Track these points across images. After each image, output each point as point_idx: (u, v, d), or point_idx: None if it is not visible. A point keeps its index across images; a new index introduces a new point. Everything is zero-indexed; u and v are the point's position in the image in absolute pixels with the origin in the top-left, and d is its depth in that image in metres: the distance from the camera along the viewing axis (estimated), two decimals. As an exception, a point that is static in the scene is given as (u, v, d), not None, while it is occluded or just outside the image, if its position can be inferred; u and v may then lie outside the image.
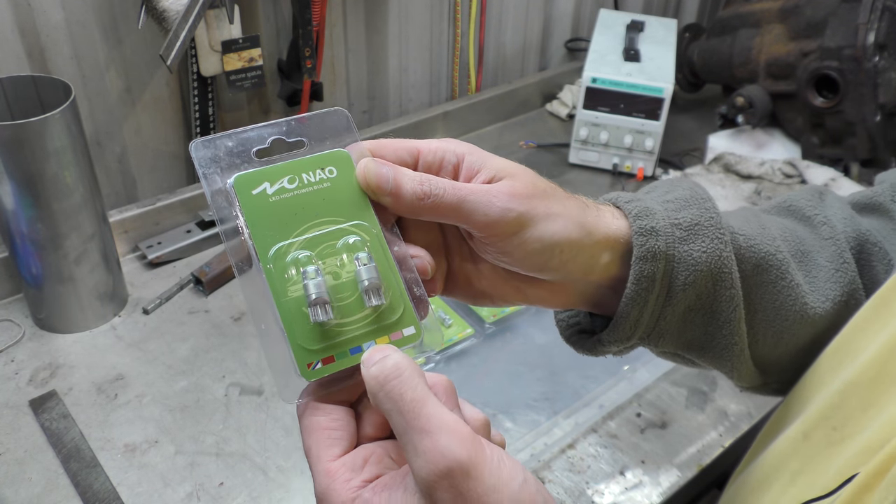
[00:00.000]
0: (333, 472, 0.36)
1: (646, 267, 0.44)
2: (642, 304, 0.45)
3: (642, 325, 0.46)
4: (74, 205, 0.88)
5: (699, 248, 0.45)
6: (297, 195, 0.40)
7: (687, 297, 0.45)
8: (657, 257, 0.44)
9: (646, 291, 0.44)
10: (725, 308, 0.46)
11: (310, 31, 1.17)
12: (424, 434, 0.33)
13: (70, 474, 0.77)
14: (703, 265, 0.45)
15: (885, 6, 1.18)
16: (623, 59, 1.36)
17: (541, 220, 0.42)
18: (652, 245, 0.44)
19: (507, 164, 0.43)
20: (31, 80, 0.88)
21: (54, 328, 0.95)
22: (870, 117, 1.22)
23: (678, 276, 0.45)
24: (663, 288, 0.45)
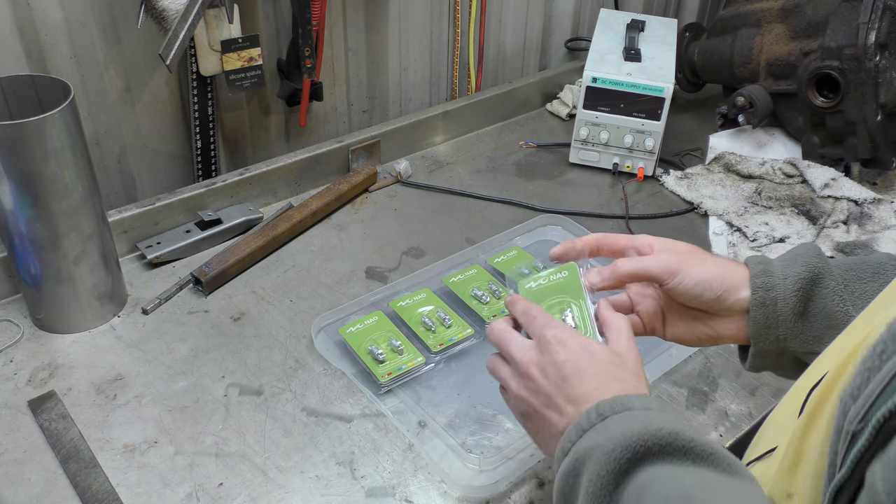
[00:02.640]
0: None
1: (759, 281, 0.66)
2: (762, 307, 0.65)
3: (772, 329, 0.65)
4: (73, 205, 0.88)
5: (800, 264, 0.65)
6: (546, 286, 0.72)
7: (800, 300, 0.64)
8: (767, 273, 0.66)
9: (763, 299, 0.65)
10: (831, 303, 0.64)
11: (309, 31, 1.17)
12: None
13: (69, 475, 0.77)
14: (804, 273, 0.64)
15: (885, 6, 1.18)
16: (623, 58, 1.35)
17: (693, 267, 0.67)
18: (763, 268, 0.67)
19: (674, 245, 0.71)
20: (30, 80, 0.88)
21: (53, 328, 0.95)
22: (871, 117, 1.22)
23: (788, 286, 0.65)
24: (778, 296, 0.65)
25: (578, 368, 0.58)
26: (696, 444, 0.50)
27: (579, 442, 0.54)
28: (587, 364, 0.59)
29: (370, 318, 0.96)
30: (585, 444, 0.53)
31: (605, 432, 0.52)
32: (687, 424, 0.55)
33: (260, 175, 1.18)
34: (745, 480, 0.49)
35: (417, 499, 0.78)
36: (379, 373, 0.89)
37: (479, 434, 0.84)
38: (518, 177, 1.35)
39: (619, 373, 0.58)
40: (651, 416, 0.52)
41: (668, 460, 0.49)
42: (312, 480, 0.79)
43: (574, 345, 0.60)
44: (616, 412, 0.53)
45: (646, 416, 0.52)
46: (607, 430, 0.52)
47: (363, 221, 1.20)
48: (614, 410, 0.54)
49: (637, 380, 0.59)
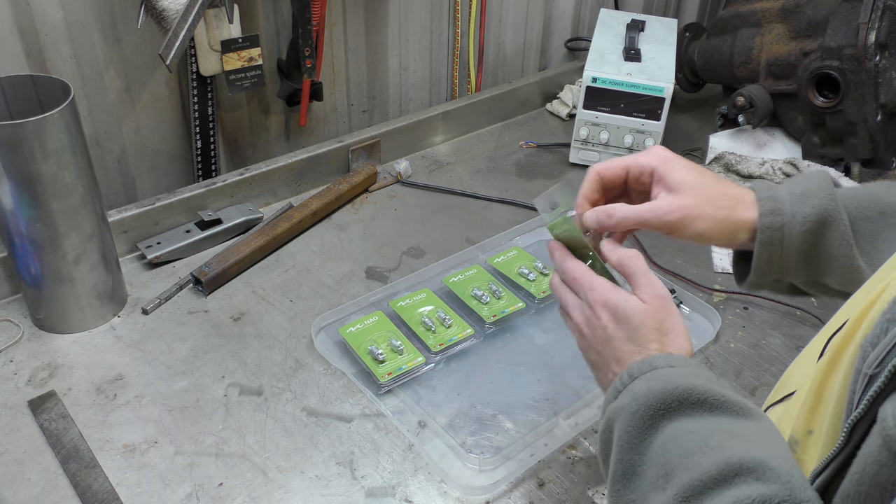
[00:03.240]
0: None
1: (767, 220, 0.65)
2: (769, 246, 0.65)
3: (775, 263, 0.66)
4: (73, 205, 0.88)
5: (810, 205, 0.65)
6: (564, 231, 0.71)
7: (805, 240, 0.65)
8: (776, 213, 0.65)
9: (769, 239, 0.65)
10: (835, 246, 0.65)
11: (309, 31, 1.17)
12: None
13: (69, 475, 0.77)
14: (812, 216, 0.64)
15: (885, 6, 1.18)
16: (623, 58, 1.35)
17: (692, 223, 0.66)
18: (772, 206, 0.65)
19: (681, 178, 0.66)
20: (29, 80, 0.88)
21: (53, 328, 0.95)
22: (871, 117, 1.22)
23: (795, 227, 0.65)
24: (787, 234, 0.65)
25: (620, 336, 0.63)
26: (709, 395, 0.54)
27: (612, 404, 0.59)
28: (626, 331, 0.63)
29: (370, 318, 0.96)
30: (617, 404, 0.58)
31: (632, 393, 0.57)
32: (705, 373, 0.58)
33: (260, 175, 1.18)
34: (756, 420, 0.54)
35: (417, 499, 0.78)
36: (379, 373, 0.89)
37: (479, 434, 0.84)
38: (518, 177, 1.35)
39: (653, 334, 0.62)
40: (672, 373, 0.57)
41: (686, 413, 0.54)
42: (312, 480, 0.79)
43: (615, 308, 0.63)
44: (643, 372, 0.58)
45: (667, 375, 0.57)
46: (634, 390, 0.57)
47: (363, 221, 1.20)
48: (641, 371, 0.58)
49: (667, 334, 0.62)
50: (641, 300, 0.62)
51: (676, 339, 0.62)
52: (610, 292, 0.64)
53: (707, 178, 0.67)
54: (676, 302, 1.02)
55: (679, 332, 0.62)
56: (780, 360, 0.96)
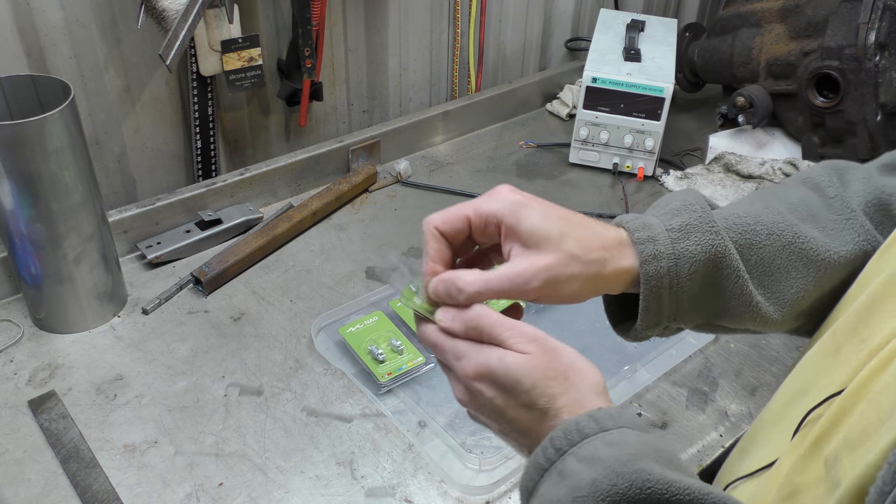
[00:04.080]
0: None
1: (650, 267, 0.54)
2: (658, 296, 0.55)
3: (664, 313, 0.56)
4: (73, 205, 0.88)
5: (693, 242, 0.55)
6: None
7: (694, 282, 0.56)
8: (658, 257, 0.55)
9: (657, 287, 0.55)
10: (729, 283, 0.56)
11: (309, 31, 1.17)
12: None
13: (69, 475, 0.77)
14: (699, 255, 0.55)
15: (885, 6, 1.18)
16: (623, 58, 1.35)
17: (559, 287, 0.53)
18: (652, 249, 0.55)
19: (536, 228, 0.53)
20: (30, 80, 0.88)
21: (53, 328, 0.95)
22: (870, 117, 1.22)
23: (681, 270, 0.55)
24: (672, 280, 0.55)
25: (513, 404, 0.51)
26: (672, 492, 0.45)
27: (541, 489, 0.48)
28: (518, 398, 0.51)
29: (370, 318, 0.96)
30: (548, 497, 0.47)
31: (569, 483, 0.46)
32: (647, 437, 0.48)
33: (260, 175, 1.18)
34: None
35: (417, 499, 0.78)
36: (379, 373, 0.89)
37: (478, 434, 0.84)
38: (518, 177, 1.35)
39: (554, 386, 0.50)
40: (613, 450, 0.46)
41: None
42: (312, 480, 0.79)
43: (492, 376, 0.51)
44: (574, 443, 0.47)
45: (607, 454, 0.46)
46: (571, 480, 0.46)
47: (363, 221, 1.20)
48: (571, 442, 0.47)
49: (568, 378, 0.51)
50: (520, 352, 0.51)
51: (582, 376, 0.51)
52: (479, 356, 0.51)
53: (566, 222, 0.54)
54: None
55: (579, 367, 0.51)
56: (780, 360, 0.96)
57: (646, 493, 0.44)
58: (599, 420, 0.48)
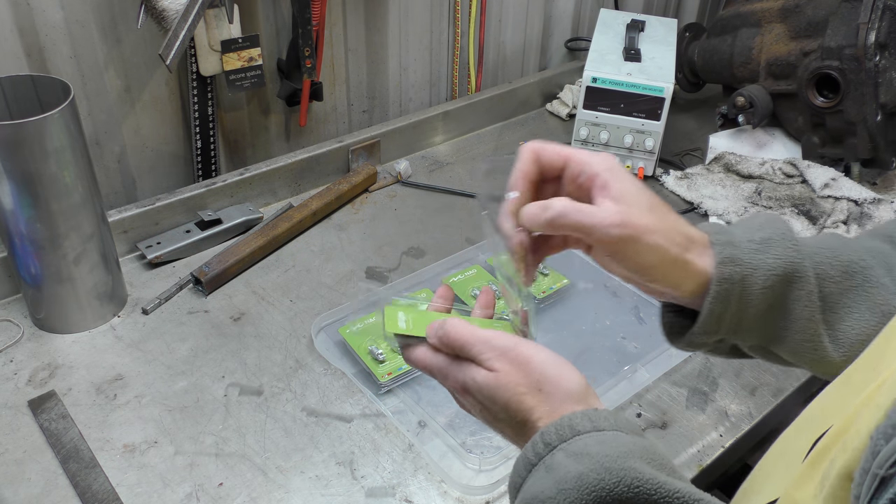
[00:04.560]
0: None
1: (725, 269, 0.53)
2: (725, 301, 0.54)
3: (726, 323, 0.55)
4: (73, 205, 0.88)
5: (773, 256, 0.54)
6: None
7: (765, 298, 0.54)
8: (735, 261, 0.53)
9: (727, 292, 0.53)
10: (799, 307, 0.55)
11: (309, 31, 1.17)
12: None
13: (69, 475, 0.77)
14: (778, 269, 0.54)
15: (885, 6, 1.18)
16: (623, 58, 1.35)
17: (639, 249, 0.52)
18: (730, 252, 0.54)
19: (627, 189, 0.53)
20: (29, 80, 0.88)
21: (53, 328, 0.95)
22: (871, 117, 1.22)
23: (756, 280, 0.54)
24: (745, 289, 0.53)
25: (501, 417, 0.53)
26: (661, 494, 0.44)
27: (527, 482, 0.48)
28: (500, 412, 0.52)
29: (370, 319, 0.96)
30: (534, 488, 0.47)
31: (556, 476, 0.46)
32: (638, 440, 0.48)
33: (260, 175, 1.18)
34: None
35: (417, 499, 0.78)
36: (379, 373, 0.89)
37: (479, 434, 0.84)
38: (518, 177, 1.34)
39: (528, 399, 0.51)
40: (604, 448, 0.46)
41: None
42: (312, 480, 0.79)
43: (475, 390, 0.53)
44: (564, 439, 0.47)
45: (598, 451, 0.46)
46: (558, 472, 0.46)
47: (363, 221, 1.20)
48: (561, 437, 0.47)
49: (542, 389, 0.51)
50: (489, 369, 0.51)
51: (558, 386, 0.50)
52: (458, 373, 0.53)
53: (658, 204, 0.55)
54: (676, 302, 1.02)
55: (553, 376, 0.51)
56: (780, 360, 0.96)
57: (633, 492, 0.44)
58: (594, 420, 0.48)
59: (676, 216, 0.55)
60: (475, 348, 0.52)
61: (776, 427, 0.94)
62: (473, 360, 0.53)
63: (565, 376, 0.51)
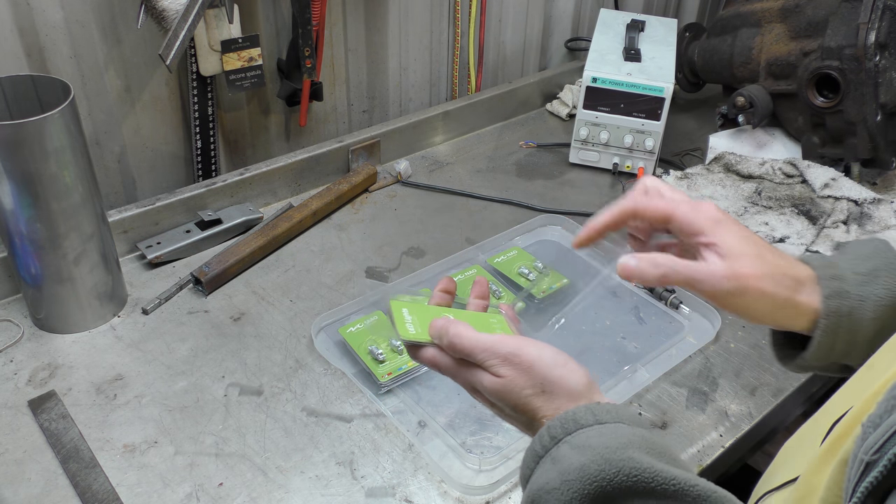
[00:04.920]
0: None
1: (832, 303, 0.55)
2: (834, 334, 0.56)
3: (837, 351, 0.57)
4: (73, 204, 0.88)
5: (882, 286, 0.56)
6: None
7: (875, 326, 0.56)
8: (843, 295, 0.56)
9: (835, 325, 0.55)
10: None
11: (309, 31, 1.17)
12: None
13: (69, 475, 0.77)
14: (886, 300, 0.55)
15: (885, 6, 1.18)
16: (623, 58, 1.35)
17: (749, 298, 0.55)
18: (837, 287, 0.56)
19: (737, 246, 0.56)
20: (29, 80, 0.88)
21: (53, 328, 0.95)
22: (871, 117, 1.22)
23: (865, 313, 0.55)
24: (854, 321, 0.55)
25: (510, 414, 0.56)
26: (658, 483, 0.46)
27: (535, 474, 0.50)
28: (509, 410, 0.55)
29: (370, 318, 0.96)
30: (540, 479, 0.49)
31: (560, 468, 0.48)
32: (639, 431, 0.49)
33: (260, 175, 1.18)
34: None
35: (417, 499, 0.78)
36: (379, 373, 0.89)
37: (479, 434, 0.84)
38: (518, 177, 1.35)
39: (533, 401, 0.53)
40: (605, 440, 0.48)
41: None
42: (312, 480, 0.79)
43: (485, 391, 0.56)
44: (568, 432, 0.49)
45: (599, 443, 0.48)
46: (562, 464, 0.48)
47: (363, 221, 1.20)
48: (566, 430, 0.50)
49: (545, 390, 0.53)
50: (495, 375, 0.54)
51: (561, 386, 0.53)
52: (467, 375, 0.56)
53: (763, 246, 0.57)
54: (676, 302, 1.02)
55: (555, 378, 0.53)
56: (780, 360, 0.96)
57: (632, 481, 0.46)
58: (597, 413, 0.50)
59: (783, 257, 0.58)
60: (480, 356, 0.54)
61: (776, 427, 0.94)
62: (479, 366, 0.55)
63: (568, 375, 0.53)
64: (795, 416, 0.98)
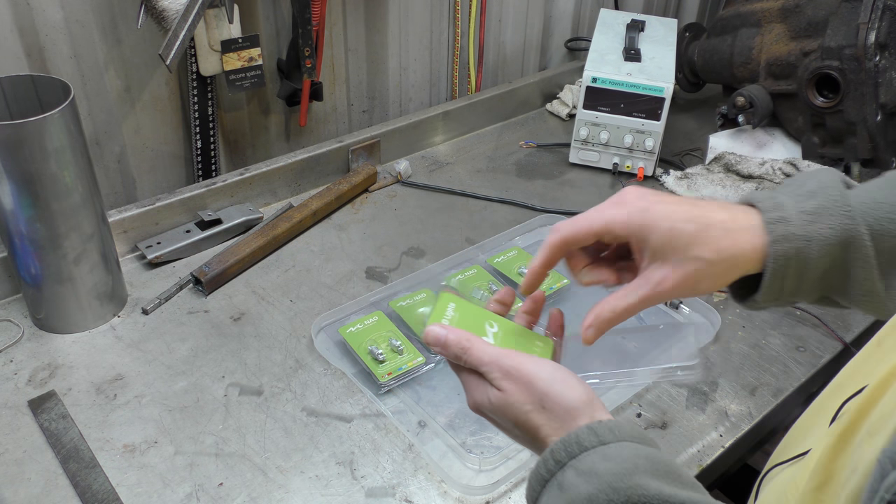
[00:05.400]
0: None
1: (780, 247, 0.54)
2: (783, 276, 0.55)
3: (787, 290, 0.57)
4: (73, 205, 0.88)
5: (827, 225, 0.55)
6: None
7: (823, 263, 0.55)
8: (789, 238, 0.55)
9: (783, 268, 0.55)
10: (856, 268, 0.55)
11: (309, 31, 1.17)
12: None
13: (69, 475, 0.77)
14: (832, 238, 0.55)
15: (885, 6, 1.18)
16: (623, 58, 1.35)
17: (696, 287, 0.56)
18: (783, 230, 0.55)
19: (664, 244, 0.55)
20: (30, 80, 0.88)
21: (53, 328, 0.95)
22: (870, 117, 1.22)
23: (811, 251, 0.55)
24: (801, 262, 0.55)
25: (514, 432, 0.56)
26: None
27: (542, 501, 0.50)
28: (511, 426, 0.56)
29: (370, 318, 0.96)
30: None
31: (568, 496, 0.48)
32: (643, 449, 0.49)
33: (260, 175, 1.18)
34: None
35: (417, 499, 0.78)
36: (379, 373, 0.89)
37: (479, 434, 0.84)
38: (518, 177, 1.35)
39: (534, 418, 0.53)
40: (610, 466, 0.48)
41: None
42: (312, 480, 0.79)
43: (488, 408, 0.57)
44: (572, 455, 0.49)
45: (605, 469, 0.48)
46: (569, 492, 0.48)
47: (363, 221, 1.20)
48: (570, 454, 0.49)
49: (545, 408, 0.53)
50: (499, 389, 0.54)
51: (559, 403, 0.52)
52: (473, 391, 0.57)
53: (696, 224, 0.55)
54: (676, 302, 1.02)
55: (554, 394, 0.53)
56: (780, 359, 0.96)
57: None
58: (599, 433, 0.50)
59: (719, 216, 0.56)
60: (484, 367, 0.55)
61: (776, 427, 0.95)
62: (484, 377, 0.56)
63: (566, 391, 0.53)
64: (795, 416, 0.98)
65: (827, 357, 0.97)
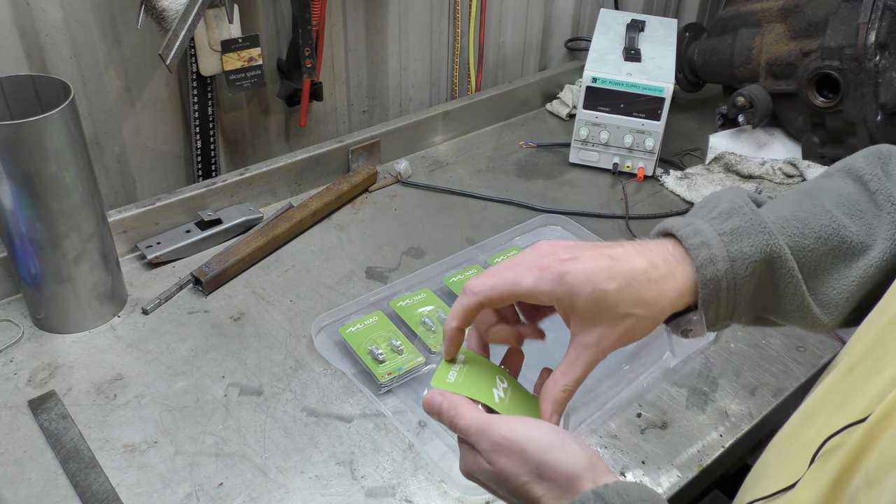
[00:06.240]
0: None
1: (707, 271, 0.55)
2: (716, 299, 0.56)
3: (722, 313, 0.57)
4: (73, 205, 0.88)
5: (747, 245, 0.55)
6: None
7: (751, 282, 0.56)
8: (714, 261, 0.55)
9: (715, 290, 0.55)
10: (783, 283, 0.56)
11: (309, 31, 1.17)
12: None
13: (69, 475, 0.77)
14: (755, 256, 0.55)
15: (885, 5, 1.18)
16: (623, 58, 1.35)
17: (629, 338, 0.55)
18: (707, 254, 0.55)
19: (589, 309, 0.53)
20: (29, 80, 0.88)
21: (53, 328, 0.95)
22: (871, 117, 1.22)
23: (739, 269, 0.55)
24: (730, 282, 0.55)
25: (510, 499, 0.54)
26: None
27: None
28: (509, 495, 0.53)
29: (370, 318, 0.96)
30: None
31: None
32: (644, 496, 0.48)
33: (260, 175, 1.18)
34: None
35: (417, 499, 0.78)
36: (379, 373, 0.89)
37: (479, 434, 0.84)
38: (518, 177, 1.35)
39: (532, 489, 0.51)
40: None
41: None
42: (312, 480, 0.79)
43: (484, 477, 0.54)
44: None
45: None
46: None
47: (363, 221, 1.20)
48: None
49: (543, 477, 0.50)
50: (489, 463, 0.52)
51: (556, 470, 0.50)
52: (466, 459, 0.55)
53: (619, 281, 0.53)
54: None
55: (550, 462, 0.50)
56: (780, 359, 0.96)
57: None
58: (607, 499, 0.48)
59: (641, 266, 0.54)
60: (472, 438, 0.53)
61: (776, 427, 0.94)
62: (474, 447, 0.53)
63: (564, 459, 0.50)
64: (795, 416, 0.98)
65: (827, 357, 0.97)
